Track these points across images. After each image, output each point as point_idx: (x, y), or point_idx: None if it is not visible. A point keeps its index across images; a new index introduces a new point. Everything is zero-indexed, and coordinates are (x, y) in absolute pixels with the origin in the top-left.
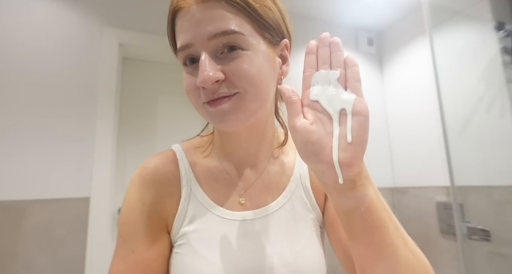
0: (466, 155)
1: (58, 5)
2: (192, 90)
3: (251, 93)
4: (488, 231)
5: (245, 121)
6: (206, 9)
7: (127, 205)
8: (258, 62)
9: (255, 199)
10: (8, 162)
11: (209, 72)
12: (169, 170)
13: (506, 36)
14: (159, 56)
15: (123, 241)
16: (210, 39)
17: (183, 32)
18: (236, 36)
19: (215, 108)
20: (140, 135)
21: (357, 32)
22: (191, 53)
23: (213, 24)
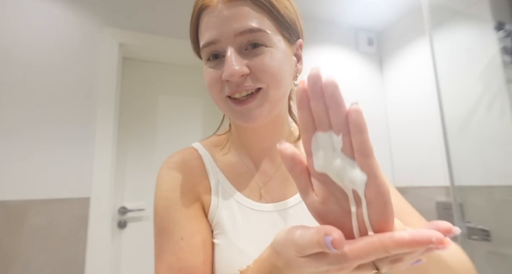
0: (466, 155)
1: (58, 5)
2: (215, 83)
3: (273, 87)
4: (488, 231)
5: (268, 116)
6: (232, 7)
7: (162, 198)
8: (279, 59)
9: (275, 192)
10: (8, 162)
11: (235, 67)
12: (196, 164)
13: (506, 36)
14: (159, 56)
15: (168, 232)
16: (236, 36)
17: (209, 28)
18: (260, 34)
19: (242, 107)
20: (140, 135)
21: (357, 32)
22: (216, 49)
23: (239, 22)
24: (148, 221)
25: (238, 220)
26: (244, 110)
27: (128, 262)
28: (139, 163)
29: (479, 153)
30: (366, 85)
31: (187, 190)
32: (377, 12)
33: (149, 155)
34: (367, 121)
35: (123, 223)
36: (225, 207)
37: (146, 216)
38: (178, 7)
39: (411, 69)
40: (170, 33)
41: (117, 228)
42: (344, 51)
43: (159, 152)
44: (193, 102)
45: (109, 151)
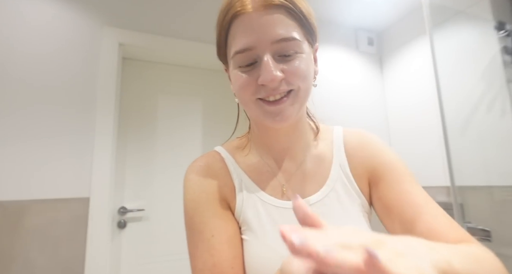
0: (467, 155)
1: (58, 5)
2: (248, 87)
3: (303, 89)
4: (489, 231)
5: (297, 116)
6: (267, 15)
7: (191, 200)
8: (307, 63)
9: (297, 189)
10: (8, 162)
11: (275, 72)
12: (219, 166)
13: (506, 36)
14: (159, 56)
15: (199, 232)
16: (273, 43)
17: (244, 35)
18: (294, 42)
19: (276, 106)
20: (140, 135)
21: (357, 32)
22: (251, 55)
23: (276, 30)
24: (148, 221)
25: (262, 217)
26: (276, 110)
27: (128, 262)
28: (139, 163)
29: (480, 153)
30: (366, 85)
31: (213, 191)
32: (377, 12)
33: (148, 155)
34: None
35: (122, 223)
36: (249, 205)
37: (145, 216)
38: (178, 7)
39: (411, 69)
40: (170, 33)
41: (117, 228)
42: (344, 51)
43: (159, 152)
44: (193, 102)
45: (108, 151)
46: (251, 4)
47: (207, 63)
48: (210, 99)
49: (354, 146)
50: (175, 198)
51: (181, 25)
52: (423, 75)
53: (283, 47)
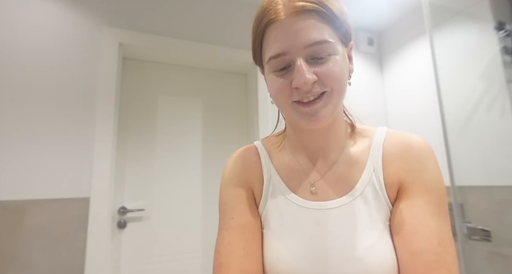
0: (466, 155)
1: (58, 5)
2: (284, 90)
3: (336, 90)
4: (489, 231)
5: (331, 116)
6: (299, 21)
7: (223, 184)
8: (341, 64)
9: (326, 190)
10: (8, 162)
11: (308, 76)
12: (254, 160)
13: (506, 36)
14: (159, 56)
15: (223, 213)
16: (305, 48)
17: (278, 41)
18: (326, 44)
19: (310, 108)
20: (140, 135)
21: (357, 32)
22: (285, 60)
23: (307, 35)
24: (148, 221)
25: (283, 214)
26: (311, 111)
27: (128, 262)
28: (139, 163)
29: (480, 153)
30: (366, 85)
31: (243, 180)
32: (377, 12)
33: (149, 155)
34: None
35: (122, 223)
36: (273, 200)
37: (146, 216)
38: (178, 7)
39: (411, 69)
40: (170, 33)
41: (117, 228)
42: None
43: (159, 152)
44: (193, 102)
45: (108, 151)
46: (284, 11)
47: (207, 63)
48: (210, 99)
49: (394, 151)
50: (175, 197)
51: (181, 25)
52: (423, 75)
53: (315, 50)
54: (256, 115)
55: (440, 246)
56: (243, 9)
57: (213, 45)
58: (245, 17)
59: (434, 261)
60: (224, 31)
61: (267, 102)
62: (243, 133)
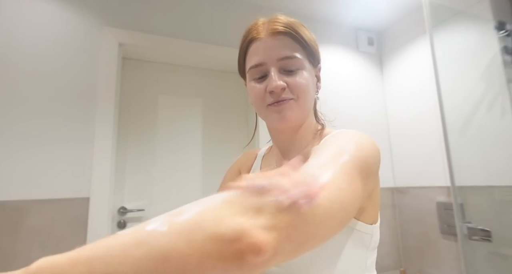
0: (467, 155)
1: (58, 5)
2: (260, 95)
3: (302, 99)
4: (489, 231)
5: (297, 120)
6: (275, 40)
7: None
8: (308, 78)
9: None
10: (8, 162)
11: (279, 82)
12: (251, 157)
13: (507, 36)
14: (159, 56)
15: None
16: (278, 60)
17: (257, 54)
18: (296, 59)
19: (278, 107)
20: (140, 135)
21: (357, 32)
22: (262, 70)
23: (282, 50)
24: None
25: None
26: (279, 110)
27: None
28: (139, 163)
29: (480, 153)
30: (366, 85)
31: (235, 173)
32: (377, 12)
33: (148, 155)
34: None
35: (122, 223)
36: None
37: (145, 216)
38: (178, 7)
39: (411, 69)
40: (170, 33)
41: (117, 228)
42: (344, 51)
43: (159, 152)
44: (193, 102)
45: (108, 151)
46: (264, 32)
47: (207, 63)
48: (210, 100)
49: (324, 141)
50: (175, 197)
51: (181, 25)
52: (423, 75)
53: (286, 63)
54: (256, 115)
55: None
56: (243, 9)
57: (213, 45)
58: (245, 17)
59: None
60: (224, 31)
61: None
62: (243, 133)
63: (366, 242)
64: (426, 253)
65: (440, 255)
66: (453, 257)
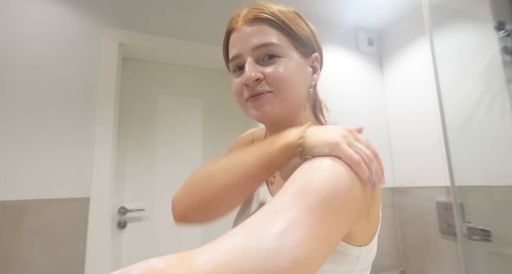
0: (466, 155)
1: (58, 5)
2: (238, 89)
3: (283, 91)
4: (489, 231)
5: (278, 115)
6: (251, 26)
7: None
8: (291, 68)
9: (279, 183)
10: (8, 162)
11: (251, 73)
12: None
13: (506, 36)
14: (159, 56)
15: None
16: (254, 50)
17: (234, 45)
18: (274, 46)
19: (255, 102)
20: (140, 135)
21: (357, 32)
22: (239, 62)
23: (257, 38)
24: (148, 221)
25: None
26: (256, 105)
27: (128, 262)
28: (139, 163)
29: (480, 153)
30: (366, 85)
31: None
32: (377, 12)
33: (149, 155)
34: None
35: (122, 223)
36: None
37: (146, 216)
38: (178, 7)
39: (411, 69)
40: (170, 33)
41: (117, 228)
42: (344, 51)
43: (159, 152)
44: (193, 102)
45: (108, 151)
46: (241, 22)
47: (207, 63)
48: (210, 100)
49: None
50: None
51: (181, 25)
52: (423, 75)
53: (262, 51)
54: None
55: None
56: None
57: (213, 45)
58: None
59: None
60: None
61: None
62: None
63: (352, 263)
64: (426, 253)
65: (440, 255)
66: (452, 257)
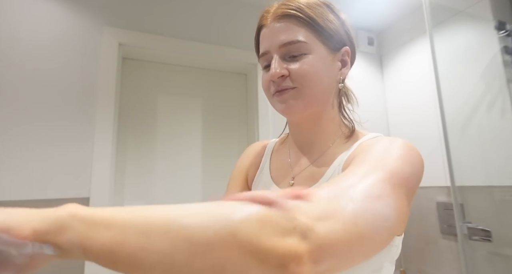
0: (467, 155)
1: (58, 5)
2: (266, 84)
3: (307, 88)
4: (489, 231)
5: (302, 111)
6: (279, 24)
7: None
8: (316, 64)
9: (302, 183)
10: (8, 162)
11: (276, 69)
12: (259, 150)
13: (507, 36)
14: (159, 56)
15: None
16: (280, 47)
17: (263, 42)
18: (300, 44)
19: (280, 97)
20: (140, 135)
21: (357, 32)
22: (268, 58)
23: (284, 35)
24: None
25: None
26: (281, 100)
27: None
28: (139, 163)
29: (480, 153)
30: (366, 85)
31: (242, 165)
32: (377, 12)
33: (148, 155)
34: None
35: None
36: (257, 188)
37: None
38: (179, 7)
39: (411, 69)
40: (170, 33)
41: None
42: None
43: (159, 152)
44: (193, 102)
45: (108, 151)
46: (270, 18)
47: (207, 63)
48: (210, 99)
49: (361, 146)
50: (176, 198)
51: (181, 25)
52: (423, 75)
53: (289, 49)
54: (256, 115)
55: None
56: (243, 9)
57: (213, 45)
58: (245, 17)
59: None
60: (224, 31)
61: (267, 102)
62: (243, 133)
63: (393, 254)
64: (426, 253)
65: (440, 255)
66: (453, 257)
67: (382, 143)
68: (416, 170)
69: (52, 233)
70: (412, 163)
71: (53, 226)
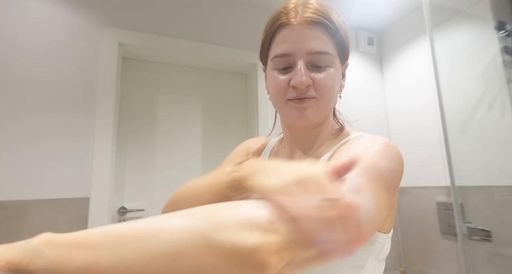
0: (467, 155)
1: (58, 5)
2: (281, 87)
3: (326, 98)
4: (489, 231)
5: (316, 119)
6: (307, 29)
7: (227, 158)
8: (334, 77)
9: None
10: (8, 162)
11: (304, 77)
12: (257, 147)
13: (507, 36)
14: (159, 56)
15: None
16: (308, 54)
17: (286, 43)
18: (327, 56)
19: (299, 104)
20: (140, 135)
21: (357, 32)
22: (288, 61)
23: (313, 43)
24: None
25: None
26: (301, 108)
27: None
28: (139, 163)
29: (480, 153)
30: (366, 85)
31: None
32: (377, 12)
33: (148, 155)
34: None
35: None
36: None
37: (146, 216)
38: (179, 7)
39: (411, 69)
40: (170, 33)
41: None
42: None
43: (159, 152)
44: (193, 102)
45: (108, 151)
46: (296, 19)
47: (207, 63)
48: (210, 99)
49: (345, 144)
50: None
51: (181, 25)
52: (423, 75)
53: (316, 58)
54: (256, 115)
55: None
56: (243, 9)
57: (213, 45)
58: (245, 17)
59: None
60: (224, 31)
61: (267, 102)
62: (243, 133)
63: (376, 251)
64: (426, 253)
65: (440, 255)
66: (453, 257)
67: (363, 141)
68: (393, 164)
69: (25, 262)
70: (389, 158)
71: (26, 255)
